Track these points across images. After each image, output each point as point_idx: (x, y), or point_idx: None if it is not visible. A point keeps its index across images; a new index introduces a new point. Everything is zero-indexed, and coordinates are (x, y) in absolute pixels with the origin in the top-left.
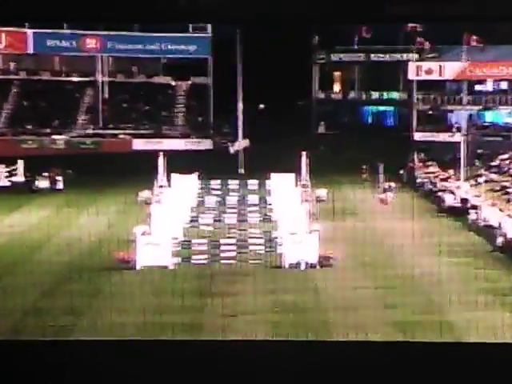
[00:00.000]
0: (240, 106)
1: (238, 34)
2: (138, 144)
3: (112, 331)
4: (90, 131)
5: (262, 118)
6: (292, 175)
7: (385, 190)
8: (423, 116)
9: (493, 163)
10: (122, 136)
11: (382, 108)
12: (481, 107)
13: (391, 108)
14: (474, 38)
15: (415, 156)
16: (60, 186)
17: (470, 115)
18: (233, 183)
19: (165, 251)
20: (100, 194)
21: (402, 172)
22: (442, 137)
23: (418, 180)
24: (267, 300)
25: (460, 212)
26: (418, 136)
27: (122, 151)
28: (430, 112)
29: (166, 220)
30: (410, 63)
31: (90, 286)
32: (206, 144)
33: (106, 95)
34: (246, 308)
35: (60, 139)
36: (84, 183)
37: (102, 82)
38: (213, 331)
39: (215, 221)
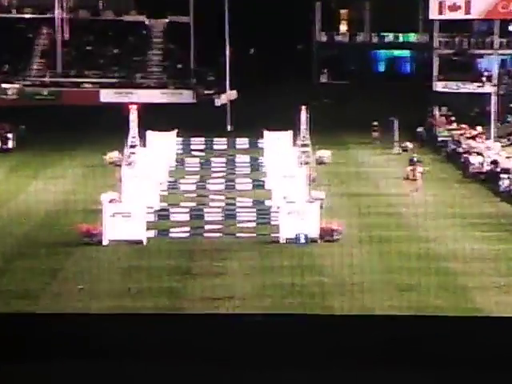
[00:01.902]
0: (227, 50)
1: None
2: (106, 95)
3: None
4: (47, 79)
5: (253, 65)
6: (289, 133)
7: (412, 163)
8: (446, 62)
9: None
10: (86, 85)
11: (396, 53)
12: None
13: (408, 53)
14: None
15: (436, 110)
16: (10, 144)
17: (503, 61)
18: (219, 142)
19: (138, 223)
20: (60, 154)
21: (420, 129)
22: (469, 87)
23: (440, 139)
24: (259, 281)
25: (489, 177)
26: (439, 86)
27: (86, 103)
28: (455, 57)
29: (139, 186)
30: None
31: (48, 265)
32: (186, 96)
33: (66, 36)
34: (233, 290)
35: (10, 88)
36: (40, 141)
37: (61, 20)
38: None
39: (198, 187)
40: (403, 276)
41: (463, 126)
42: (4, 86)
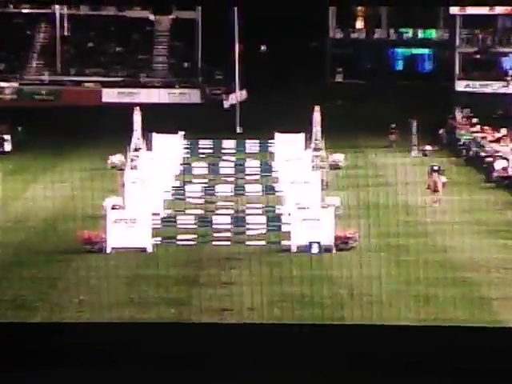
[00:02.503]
0: (236, 47)
1: None
2: (108, 95)
3: None
4: (46, 78)
5: (264, 64)
6: (301, 135)
7: (433, 171)
8: (468, 61)
9: None
10: (87, 85)
11: (415, 51)
12: None
13: (427, 50)
14: None
15: (458, 112)
16: (8, 147)
17: None
18: (227, 145)
19: (142, 230)
20: (59, 157)
21: (440, 132)
22: (493, 87)
23: (461, 142)
24: (269, 291)
25: None
26: (461, 86)
27: (87, 104)
28: (478, 56)
29: (144, 191)
30: None
31: (47, 274)
32: (193, 96)
33: (66, 32)
34: (242, 301)
35: (8, 87)
36: (39, 144)
37: (61, 15)
38: None
39: (205, 192)
40: (421, 287)
41: (486, 128)
42: (1, 84)
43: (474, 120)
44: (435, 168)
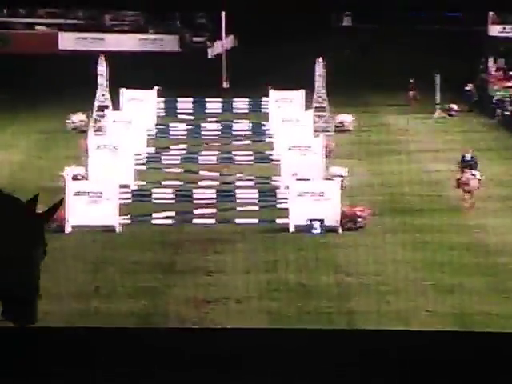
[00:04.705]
0: None
1: None
2: (66, 41)
3: None
4: None
5: (255, 4)
6: (301, 92)
7: (465, 166)
8: None
9: None
10: (40, 28)
11: None
12: None
13: None
14: None
15: (491, 62)
16: None
17: None
18: (212, 104)
19: (109, 205)
20: (9, 117)
21: (469, 87)
22: None
23: (495, 99)
24: (263, 279)
25: None
26: (495, 31)
27: (41, 51)
28: None
29: (111, 158)
30: None
31: None
32: (170, 43)
33: None
34: (230, 291)
35: None
36: None
37: None
38: (180, 325)
39: (185, 160)
40: (445, 275)
41: None
42: None
43: (511, 73)
44: (467, 159)
